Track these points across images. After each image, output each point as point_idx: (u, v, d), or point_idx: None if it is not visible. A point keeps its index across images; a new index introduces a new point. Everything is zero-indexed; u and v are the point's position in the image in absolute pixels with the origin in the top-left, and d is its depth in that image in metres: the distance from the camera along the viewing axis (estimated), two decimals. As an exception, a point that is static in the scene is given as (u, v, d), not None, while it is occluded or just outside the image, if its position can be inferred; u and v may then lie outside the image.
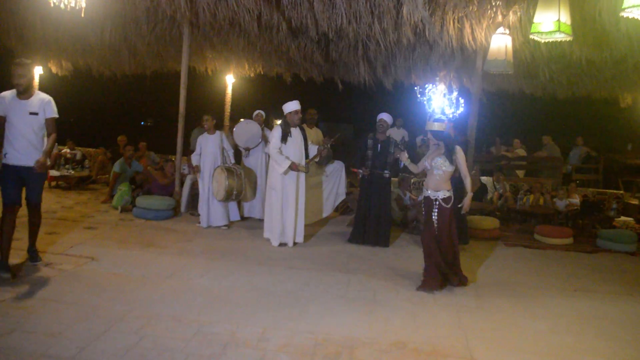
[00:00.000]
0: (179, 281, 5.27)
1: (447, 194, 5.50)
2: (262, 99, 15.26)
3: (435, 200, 5.51)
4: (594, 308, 5.27)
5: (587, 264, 7.25)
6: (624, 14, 5.12)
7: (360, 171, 7.42)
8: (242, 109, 13.83)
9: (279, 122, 8.55)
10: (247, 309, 4.60)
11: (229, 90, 14.06)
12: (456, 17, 7.78)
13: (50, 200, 9.29)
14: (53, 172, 10.79)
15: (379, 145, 7.45)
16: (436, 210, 5.52)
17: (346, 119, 18.39)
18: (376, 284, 5.57)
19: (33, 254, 5.46)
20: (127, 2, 8.34)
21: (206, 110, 8.47)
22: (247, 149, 8.68)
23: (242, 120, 8.70)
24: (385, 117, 7.47)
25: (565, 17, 6.19)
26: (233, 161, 8.07)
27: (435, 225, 5.52)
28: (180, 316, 4.31)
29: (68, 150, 12.02)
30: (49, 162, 5.28)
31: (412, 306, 4.96)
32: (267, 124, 9.17)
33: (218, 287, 5.16)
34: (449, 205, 5.49)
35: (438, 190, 5.52)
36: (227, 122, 13.79)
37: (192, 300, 4.71)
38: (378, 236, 7.40)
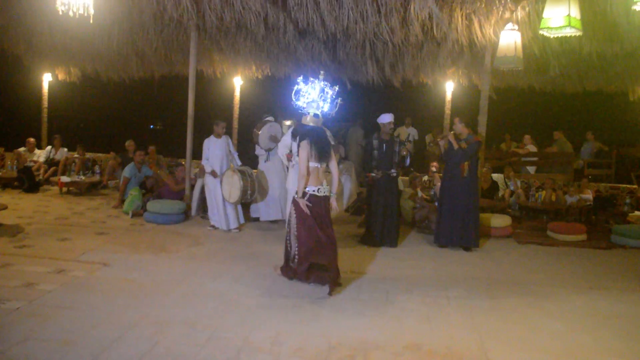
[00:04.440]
0: (191, 286, 5.26)
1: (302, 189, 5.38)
2: (271, 101, 15.23)
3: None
4: (610, 306, 5.20)
5: (601, 260, 7.17)
6: (636, 7, 5.05)
7: (373, 174, 7.42)
8: (250, 111, 13.83)
9: (287, 122, 8.56)
10: (260, 313, 4.59)
11: (237, 93, 14.07)
12: (464, 14, 7.73)
13: (61, 207, 9.34)
14: (64, 178, 10.81)
15: (384, 145, 7.45)
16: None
17: (354, 118, 18.41)
18: (388, 285, 5.53)
19: None
20: (134, 8, 8.35)
21: (215, 113, 8.47)
22: (269, 149, 8.59)
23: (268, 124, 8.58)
24: (388, 118, 7.48)
25: (575, 12, 6.11)
26: (240, 163, 8.12)
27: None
28: (193, 321, 4.30)
29: (77, 156, 12.05)
30: None
31: (425, 307, 4.92)
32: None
33: (230, 291, 5.14)
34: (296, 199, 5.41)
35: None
36: (235, 125, 13.79)
37: (205, 305, 4.70)
38: (386, 236, 7.38)
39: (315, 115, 5.44)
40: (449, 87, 13.33)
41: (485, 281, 5.89)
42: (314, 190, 5.31)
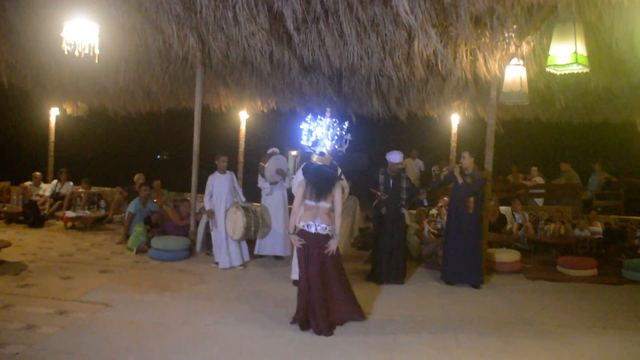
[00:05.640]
0: (194, 328, 5.15)
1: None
2: (276, 134, 15.29)
3: None
4: (625, 348, 5.04)
5: (614, 297, 7.01)
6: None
7: (379, 193, 7.31)
8: (256, 145, 13.85)
9: (293, 153, 8.53)
10: (265, 358, 4.47)
11: (243, 127, 14.12)
12: (469, 49, 7.73)
13: (66, 242, 9.29)
14: (69, 213, 10.78)
15: (391, 180, 7.38)
16: None
17: (360, 148, 18.54)
18: (395, 327, 5.41)
19: None
20: (140, 45, 8.43)
21: (221, 148, 8.43)
22: (275, 182, 8.54)
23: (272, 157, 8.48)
24: (397, 157, 7.42)
25: (582, 49, 6.06)
26: (244, 199, 8.06)
27: None
28: (195, 368, 4.20)
29: (83, 190, 12.02)
30: None
31: (435, 351, 4.78)
32: None
33: (234, 334, 5.03)
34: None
35: None
36: (241, 158, 13.80)
37: (209, 350, 4.59)
38: (393, 273, 7.26)
39: (321, 153, 5.40)
40: (455, 120, 13.34)
41: (495, 321, 5.75)
42: (303, 226, 5.24)
